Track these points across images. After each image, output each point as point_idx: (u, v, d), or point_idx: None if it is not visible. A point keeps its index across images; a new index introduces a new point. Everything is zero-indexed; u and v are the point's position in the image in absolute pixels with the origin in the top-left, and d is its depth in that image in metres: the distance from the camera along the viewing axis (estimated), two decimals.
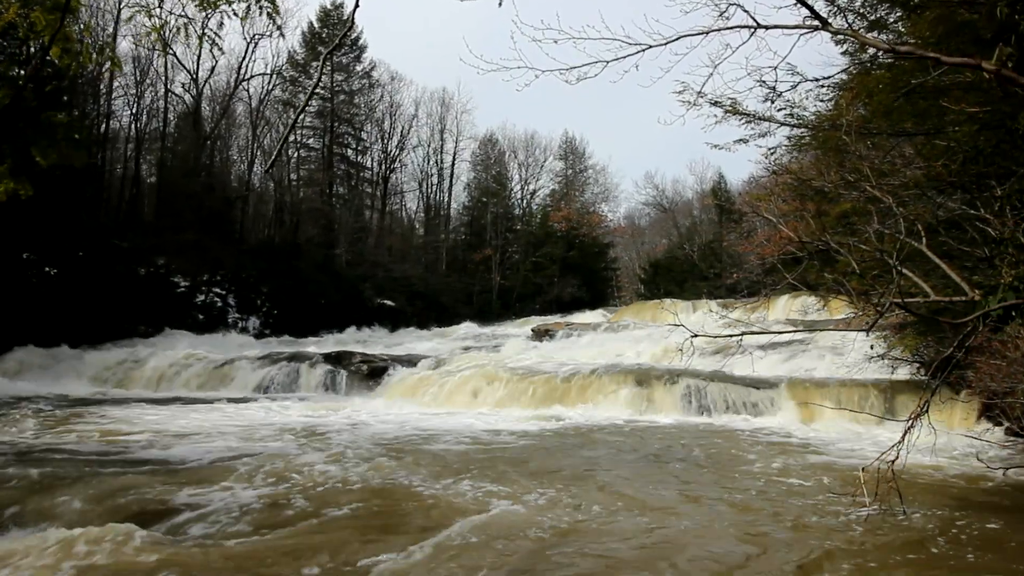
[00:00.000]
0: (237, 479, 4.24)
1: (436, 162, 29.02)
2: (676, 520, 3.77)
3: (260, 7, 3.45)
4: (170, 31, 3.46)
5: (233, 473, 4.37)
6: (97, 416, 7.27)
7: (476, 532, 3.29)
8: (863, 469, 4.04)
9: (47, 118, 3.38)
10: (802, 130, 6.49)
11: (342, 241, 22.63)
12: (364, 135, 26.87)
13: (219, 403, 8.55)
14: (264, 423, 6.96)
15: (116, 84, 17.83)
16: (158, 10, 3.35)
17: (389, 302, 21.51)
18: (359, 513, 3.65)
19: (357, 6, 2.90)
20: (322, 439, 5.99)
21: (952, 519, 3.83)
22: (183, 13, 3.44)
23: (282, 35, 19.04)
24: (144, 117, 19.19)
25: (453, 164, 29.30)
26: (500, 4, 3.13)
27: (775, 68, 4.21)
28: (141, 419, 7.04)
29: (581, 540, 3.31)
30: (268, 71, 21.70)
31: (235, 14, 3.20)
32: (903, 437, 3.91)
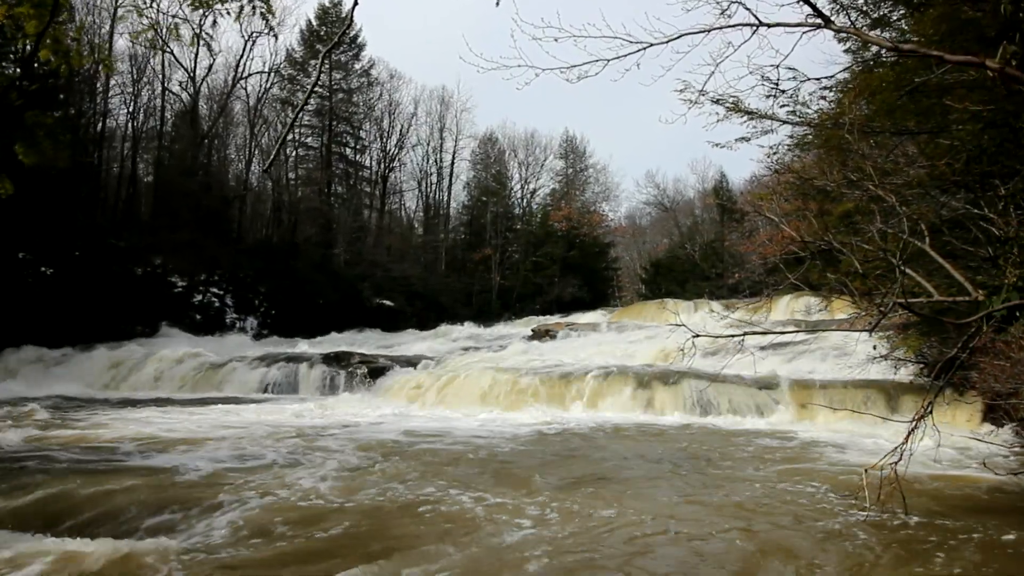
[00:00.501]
0: (222, 495, 3.98)
1: (435, 161, 28.97)
2: (678, 525, 3.71)
3: (253, 7, 3.39)
4: (165, 30, 3.40)
5: (218, 488, 4.12)
6: (86, 419, 7.10)
7: (474, 558, 3.08)
8: (866, 471, 4.01)
9: (32, 118, 3.30)
10: (804, 128, 6.44)
11: (340, 241, 22.55)
12: (363, 134, 26.78)
13: (215, 405, 8.45)
14: (259, 427, 6.79)
15: (113, 82, 17.75)
16: (150, 10, 3.30)
17: (388, 302, 21.44)
18: (350, 533, 3.42)
19: (356, 4, 2.85)
20: (317, 445, 5.81)
21: (956, 524, 3.78)
22: (176, 13, 3.39)
23: (275, 35, 18.99)
24: (141, 116, 19.13)
25: (452, 163, 29.25)
26: (497, 3, 3.08)
27: (777, 67, 4.15)
28: (131, 423, 6.84)
29: (587, 555, 3.19)
30: (266, 69, 21.63)
31: (228, 13, 3.14)
32: (906, 439, 3.87)
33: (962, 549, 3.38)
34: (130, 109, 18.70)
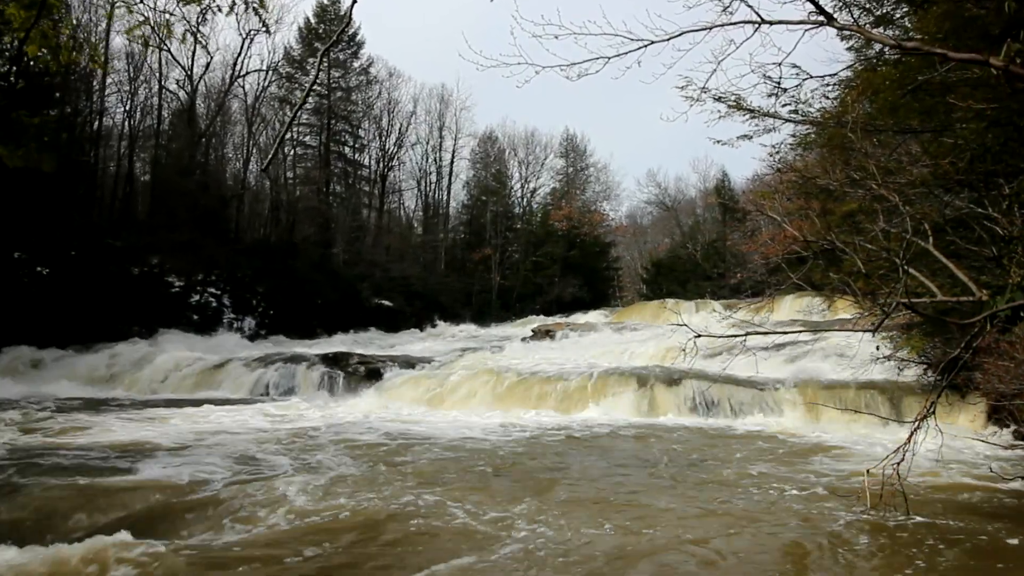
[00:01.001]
0: (198, 510, 3.71)
1: (435, 160, 28.87)
2: (677, 531, 3.66)
3: (246, 2, 3.33)
4: (158, 26, 3.33)
5: (196, 502, 3.85)
6: (74, 422, 6.90)
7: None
8: (868, 472, 3.97)
9: (17, 118, 3.21)
10: (807, 127, 6.40)
11: (339, 240, 22.48)
12: (362, 132, 26.70)
13: (210, 407, 8.30)
14: (252, 430, 6.63)
15: (109, 81, 17.63)
16: (142, 7, 3.22)
17: (387, 302, 21.38)
18: (334, 554, 3.18)
19: (355, 1, 2.81)
20: (310, 451, 5.65)
21: (958, 526, 3.75)
22: (169, 9, 3.32)
23: (268, 31, 18.85)
24: (138, 114, 19.03)
25: (452, 162, 29.16)
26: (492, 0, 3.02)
27: (779, 64, 4.10)
28: (119, 425, 6.67)
29: (587, 569, 3.09)
30: (264, 67, 21.54)
31: (219, 9, 3.08)
32: (909, 439, 3.83)
33: (964, 552, 3.35)
34: (127, 108, 18.62)
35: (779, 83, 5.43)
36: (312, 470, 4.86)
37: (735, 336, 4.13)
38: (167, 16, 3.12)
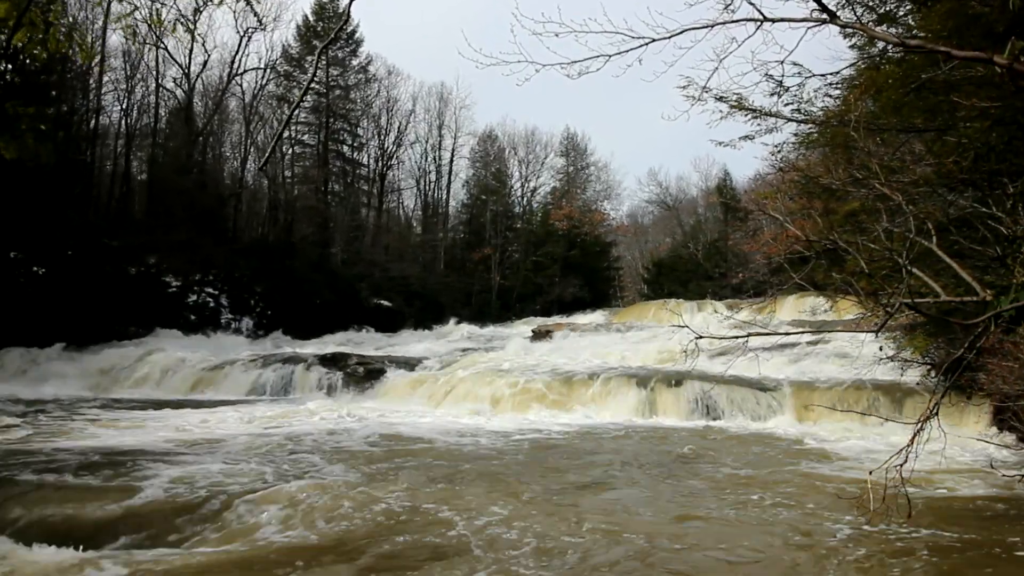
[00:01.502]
0: (183, 527, 3.50)
1: (434, 159, 28.78)
2: (674, 538, 3.59)
3: None
4: (150, 18, 3.27)
5: (182, 516, 3.66)
6: (62, 424, 6.80)
7: None
8: (871, 473, 3.92)
9: (13, 108, 3.13)
10: (809, 126, 6.35)
11: (338, 240, 22.42)
12: (360, 131, 26.62)
13: (206, 408, 8.24)
14: (245, 434, 6.49)
15: (106, 79, 17.55)
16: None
17: (386, 302, 21.32)
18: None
19: None
20: (304, 453, 5.53)
21: (961, 530, 3.70)
22: (162, 0, 3.25)
23: (263, 25, 18.76)
24: (135, 113, 18.94)
25: (451, 161, 29.08)
26: None
27: (781, 63, 4.04)
28: (107, 428, 6.54)
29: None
30: (262, 65, 21.46)
31: (212, 1, 3.01)
32: (911, 441, 3.78)
33: (967, 556, 3.30)
34: (123, 106, 18.54)
35: (781, 82, 5.39)
36: (307, 476, 4.78)
37: (737, 337, 4.07)
38: (159, 5, 3.05)
